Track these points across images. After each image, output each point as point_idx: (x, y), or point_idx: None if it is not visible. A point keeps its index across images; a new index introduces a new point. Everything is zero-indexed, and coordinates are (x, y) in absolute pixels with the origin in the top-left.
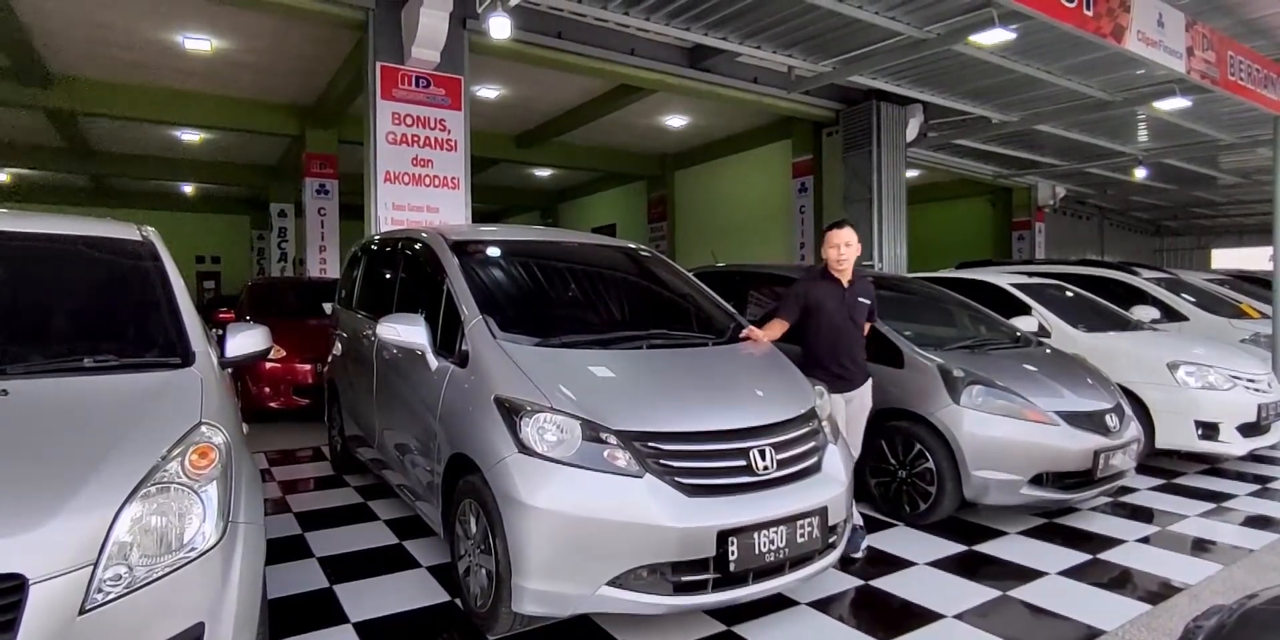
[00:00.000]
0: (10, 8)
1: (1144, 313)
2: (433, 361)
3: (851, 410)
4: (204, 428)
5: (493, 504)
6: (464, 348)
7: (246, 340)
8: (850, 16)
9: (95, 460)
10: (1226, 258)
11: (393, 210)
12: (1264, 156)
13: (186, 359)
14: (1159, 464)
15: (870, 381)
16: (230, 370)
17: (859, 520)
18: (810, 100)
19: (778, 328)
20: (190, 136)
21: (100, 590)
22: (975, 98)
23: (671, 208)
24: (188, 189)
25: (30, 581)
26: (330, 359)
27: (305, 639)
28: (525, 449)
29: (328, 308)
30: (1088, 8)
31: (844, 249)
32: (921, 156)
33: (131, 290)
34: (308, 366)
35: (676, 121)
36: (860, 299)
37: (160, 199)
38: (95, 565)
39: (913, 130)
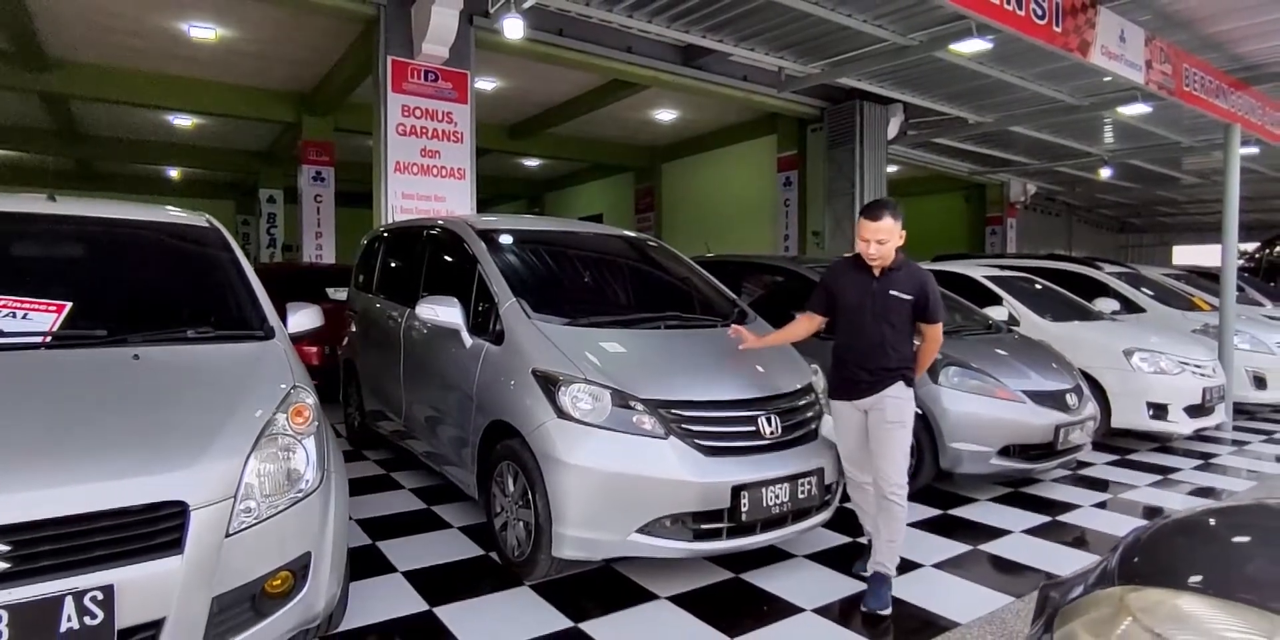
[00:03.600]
0: None
1: (1105, 304)
2: (467, 340)
3: (872, 423)
4: (298, 390)
5: (533, 463)
6: (498, 327)
7: (304, 318)
8: (840, 23)
9: (223, 414)
10: (1187, 254)
11: (402, 199)
12: (1220, 159)
13: (267, 333)
14: (1115, 443)
15: (899, 390)
16: None
17: (891, 570)
18: (797, 98)
19: (803, 324)
20: (182, 121)
21: (238, 520)
22: (953, 100)
23: (659, 199)
24: (173, 173)
25: (191, 508)
26: (346, 340)
27: (364, 584)
28: (563, 414)
29: (333, 292)
30: (1057, 24)
31: (874, 247)
32: (901, 153)
33: (213, 271)
34: (314, 348)
35: (666, 115)
36: (895, 293)
37: (144, 183)
38: (234, 499)
39: (894, 128)
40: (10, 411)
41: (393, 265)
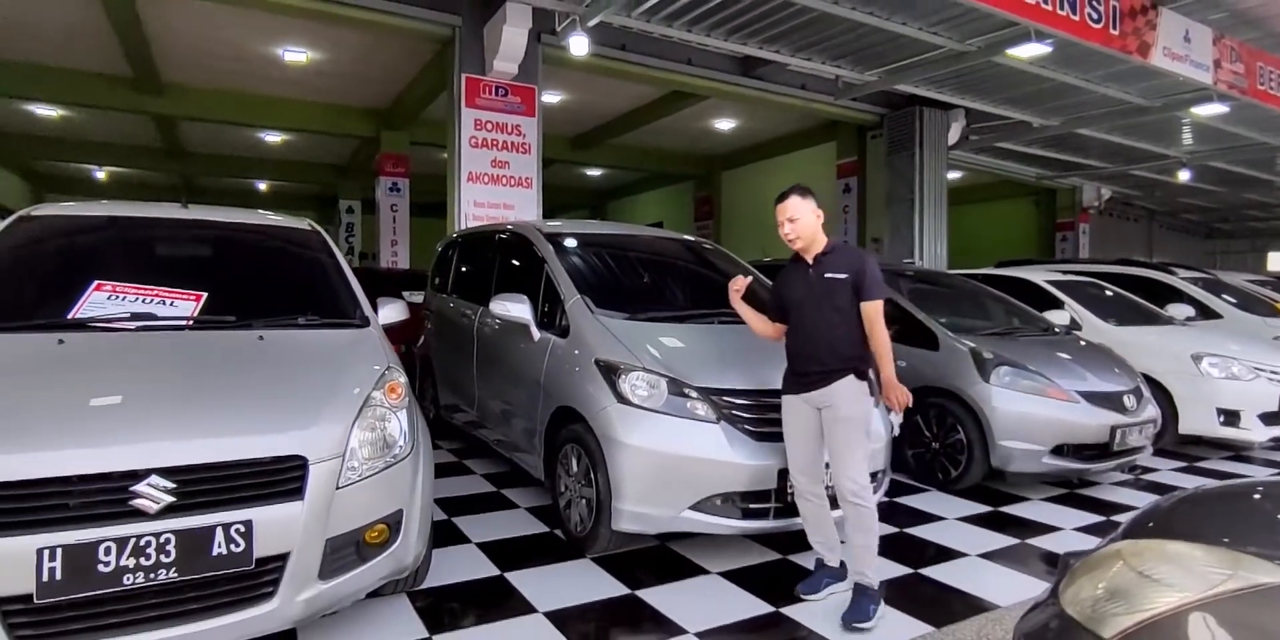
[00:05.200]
0: (140, 23)
1: (1178, 310)
2: (535, 333)
3: (825, 422)
4: (391, 370)
5: (595, 445)
6: (564, 322)
7: (393, 311)
8: (895, 32)
9: (332, 387)
10: None
11: (474, 207)
12: None
13: (364, 322)
14: (1184, 450)
15: (849, 383)
16: None
17: (874, 582)
18: (855, 105)
19: (765, 322)
20: (272, 138)
21: (345, 476)
22: (1016, 103)
23: (718, 207)
24: (261, 186)
25: (310, 462)
26: (423, 339)
27: (443, 551)
28: (623, 400)
29: (409, 295)
30: (1114, 27)
31: (788, 226)
32: (964, 158)
33: (317, 267)
34: (393, 346)
35: (725, 124)
36: (830, 275)
37: (235, 195)
38: (342, 458)
39: (955, 134)
40: (171, 377)
41: (466, 268)
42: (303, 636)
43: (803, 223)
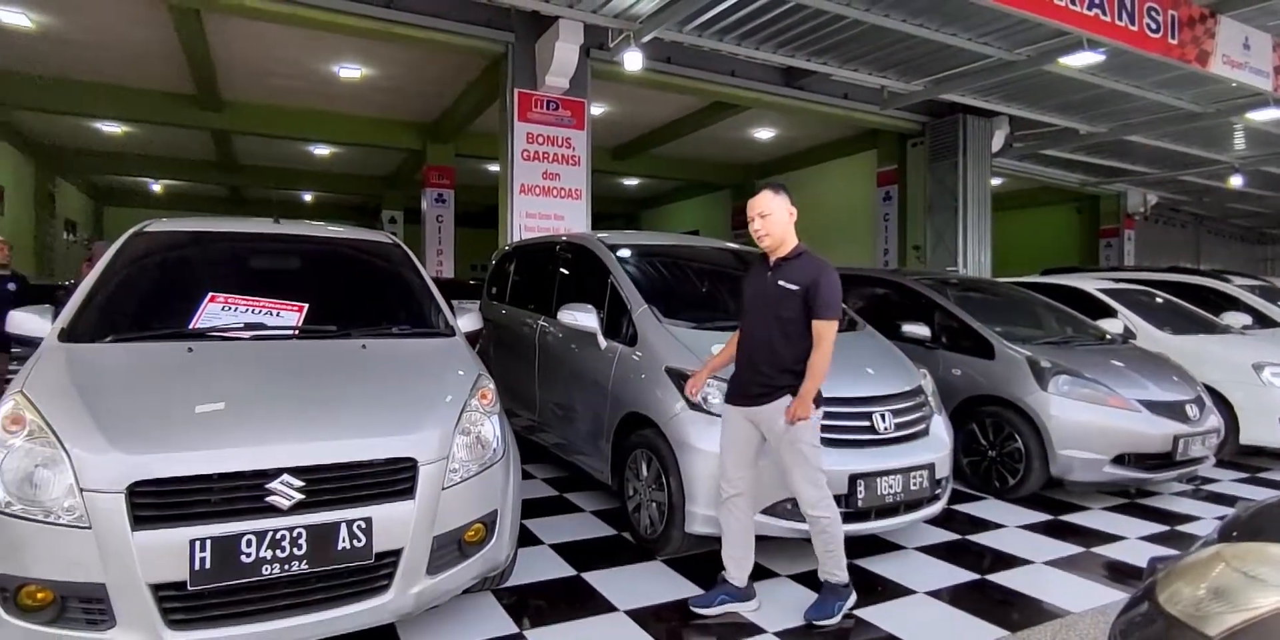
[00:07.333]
0: (207, 44)
1: (1235, 318)
2: (602, 342)
3: (771, 441)
4: (482, 377)
5: (667, 450)
6: (631, 330)
7: (469, 320)
8: (944, 43)
9: (434, 393)
10: None
11: (526, 218)
12: None
13: (450, 331)
14: (1246, 461)
15: (786, 402)
16: None
17: (842, 579)
18: (898, 114)
19: (733, 341)
20: (321, 151)
21: (448, 477)
22: (1063, 111)
23: None
24: (308, 197)
25: (420, 464)
26: (479, 346)
27: (520, 552)
28: (694, 406)
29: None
30: (1173, 36)
31: (758, 221)
32: (1006, 165)
33: (402, 278)
34: None
35: (765, 134)
36: (783, 283)
37: (283, 207)
38: (447, 460)
39: (998, 141)
40: (291, 383)
41: (525, 278)
42: (402, 630)
43: (774, 220)
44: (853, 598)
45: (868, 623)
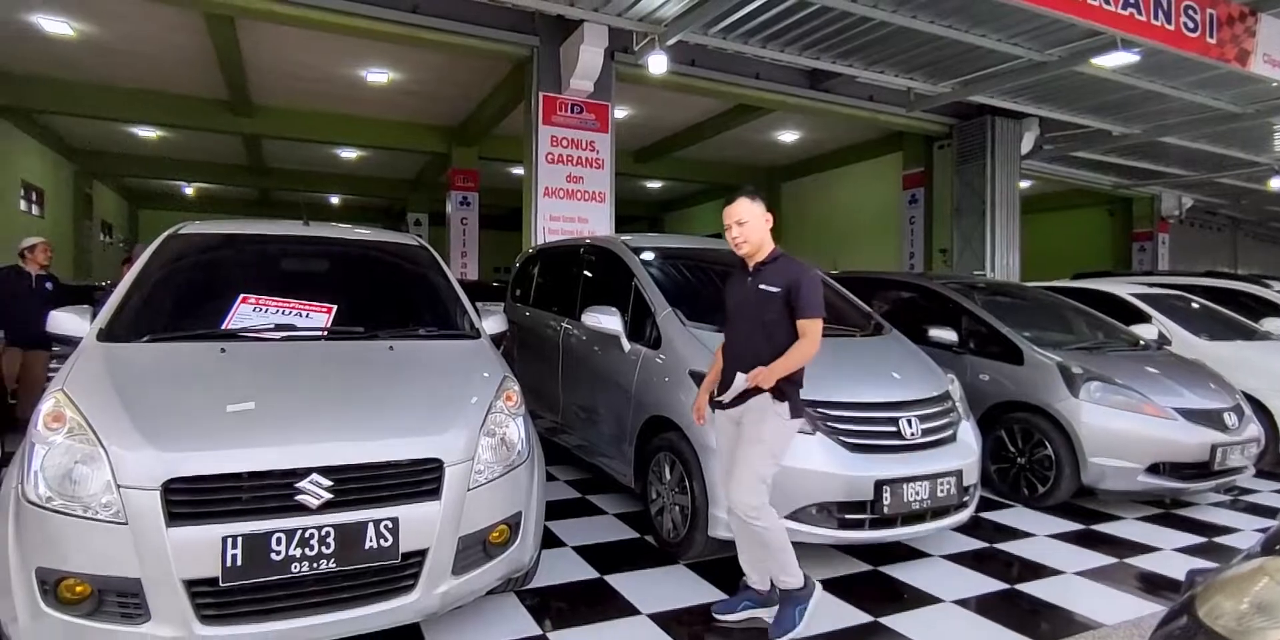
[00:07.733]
0: (239, 50)
1: (1274, 324)
2: (626, 345)
3: (742, 434)
4: (508, 379)
5: (691, 453)
6: (655, 333)
7: (494, 323)
8: (973, 44)
9: (460, 394)
10: None
11: (549, 221)
12: None
13: (476, 333)
14: None
15: (763, 402)
16: None
17: (794, 582)
18: (924, 116)
19: (719, 355)
20: (348, 154)
21: (474, 479)
22: (1096, 112)
23: (778, 219)
24: (335, 200)
25: (446, 465)
26: (502, 348)
27: (543, 554)
28: (717, 406)
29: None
30: (1211, 35)
31: (735, 229)
32: (1036, 167)
33: (430, 281)
34: None
35: (789, 136)
36: (763, 287)
37: (311, 209)
38: (472, 461)
39: (1028, 143)
40: (320, 383)
41: (549, 280)
42: (426, 629)
43: (751, 226)
44: (816, 593)
45: (892, 631)
